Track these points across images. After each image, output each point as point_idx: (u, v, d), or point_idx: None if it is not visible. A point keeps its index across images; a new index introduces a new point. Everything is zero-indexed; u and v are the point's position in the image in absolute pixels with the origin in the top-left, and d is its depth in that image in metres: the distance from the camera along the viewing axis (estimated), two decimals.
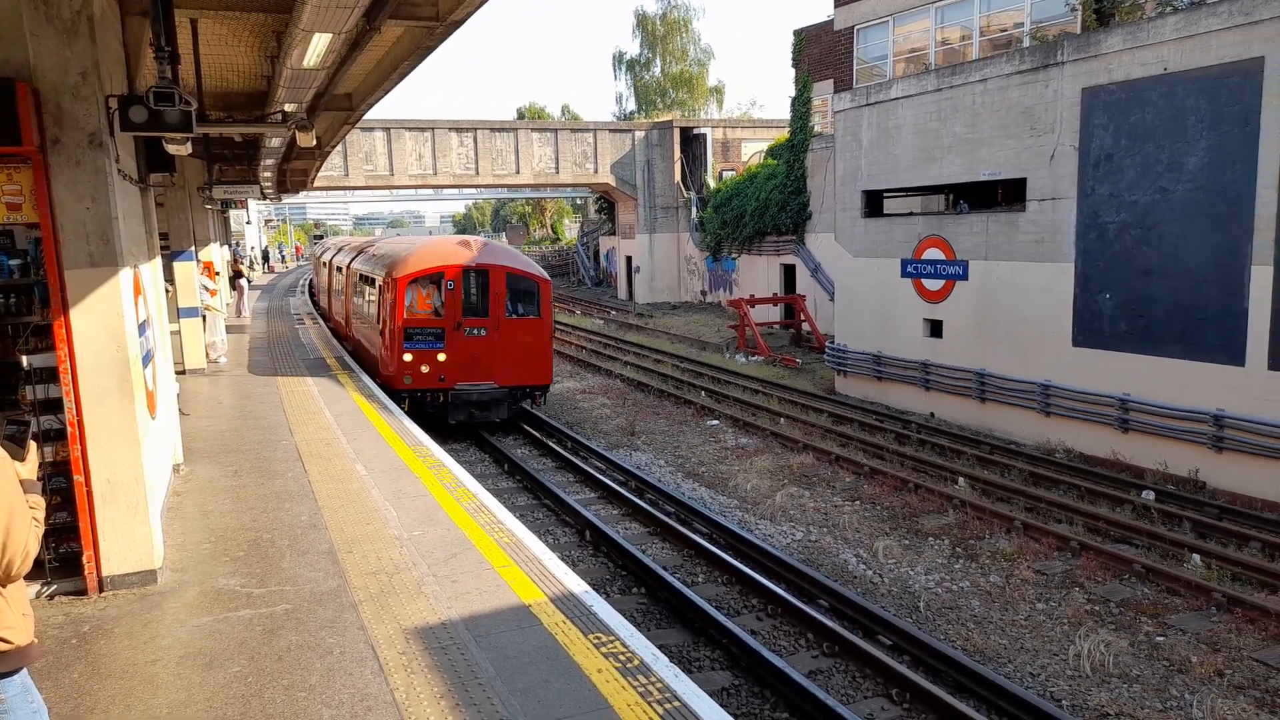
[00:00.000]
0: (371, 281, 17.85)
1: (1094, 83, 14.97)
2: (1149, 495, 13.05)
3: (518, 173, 40.74)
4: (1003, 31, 17.84)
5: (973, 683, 7.79)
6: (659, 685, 5.29)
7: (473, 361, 15.81)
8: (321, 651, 5.75)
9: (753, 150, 42.07)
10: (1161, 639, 9.03)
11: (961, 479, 13.95)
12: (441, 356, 15.62)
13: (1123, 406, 14.65)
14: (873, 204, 20.76)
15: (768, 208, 33.71)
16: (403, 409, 13.68)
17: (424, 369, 15.53)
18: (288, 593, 6.68)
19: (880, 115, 19.82)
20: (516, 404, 16.69)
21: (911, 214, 20.18)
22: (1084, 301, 15.45)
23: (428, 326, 15.64)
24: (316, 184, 34.16)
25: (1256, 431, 12.87)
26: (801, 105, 31.84)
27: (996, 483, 13.69)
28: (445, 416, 15.82)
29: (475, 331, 15.83)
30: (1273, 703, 7.84)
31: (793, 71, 32.75)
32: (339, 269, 24.20)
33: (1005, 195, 17.87)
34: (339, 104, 14.27)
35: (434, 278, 15.80)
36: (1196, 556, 10.77)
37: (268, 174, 22.24)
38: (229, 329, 21.63)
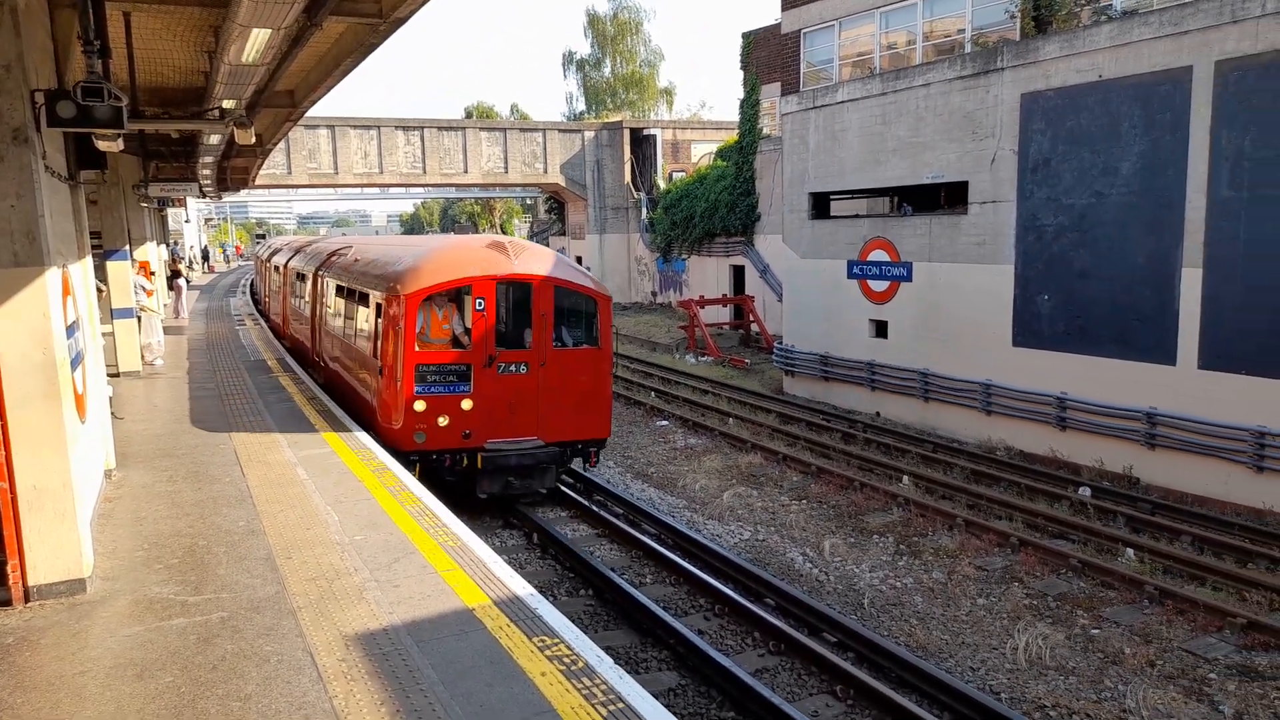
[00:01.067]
0: (360, 297, 13.50)
1: (1032, 88, 15.32)
2: (1085, 491, 13.38)
3: (466, 172, 40.42)
4: (946, 37, 18.14)
5: (915, 678, 7.91)
6: (603, 687, 5.26)
7: (510, 410, 11.75)
8: (258, 660, 5.62)
9: (702, 152, 42.30)
10: (1096, 631, 9.27)
11: (906, 477, 14.16)
12: (467, 404, 11.54)
13: (1060, 405, 15.01)
14: (820, 206, 20.99)
15: (717, 209, 33.90)
16: (413, 475, 10.17)
17: (442, 421, 11.46)
18: (224, 600, 6.51)
19: (827, 118, 20.05)
20: (566, 465, 12.80)
21: (857, 216, 20.46)
22: (1023, 302, 15.79)
23: (448, 363, 11.54)
24: (259, 182, 33.49)
25: (1187, 429, 13.28)
26: (750, 108, 32.09)
27: (939, 480, 13.93)
28: (473, 487, 11.85)
29: (513, 368, 11.77)
30: (1200, 691, 8.09)
31: (741, 74, 32.99)
32: (301, 276, 19.40)
33: (948, 198, 18.20)
34: (280, 101, 13.96)
35: (456, 293, 11.72)
36: (1130, 551, 11.07)
37: (207, 171, 21.68)
38: (167, 330, 21.08)
